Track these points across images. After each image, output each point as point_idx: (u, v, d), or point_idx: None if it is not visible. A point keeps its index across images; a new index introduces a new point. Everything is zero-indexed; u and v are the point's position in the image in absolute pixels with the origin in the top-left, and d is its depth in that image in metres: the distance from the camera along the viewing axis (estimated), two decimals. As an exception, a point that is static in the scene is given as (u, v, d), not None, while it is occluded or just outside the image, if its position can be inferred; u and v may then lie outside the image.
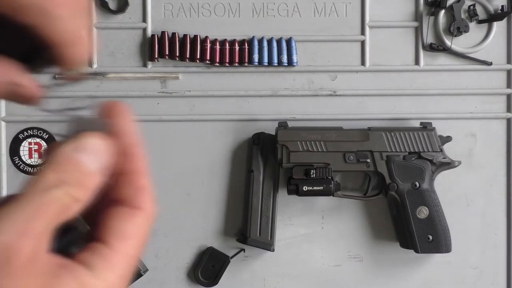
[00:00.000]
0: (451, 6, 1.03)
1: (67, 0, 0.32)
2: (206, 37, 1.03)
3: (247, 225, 1.02)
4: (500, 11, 1.03)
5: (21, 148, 1.04)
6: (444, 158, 1.00)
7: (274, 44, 1.04)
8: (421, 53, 1.05)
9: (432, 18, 1.05)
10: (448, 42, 1.04)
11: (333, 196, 1.00)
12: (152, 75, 1.04)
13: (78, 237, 0.30)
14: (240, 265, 1.04)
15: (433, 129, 1.01)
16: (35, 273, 0.27)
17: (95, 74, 1.03)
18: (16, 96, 0.33)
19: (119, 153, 0.31)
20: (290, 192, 0.99)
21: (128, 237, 0.30)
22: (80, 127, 0.32)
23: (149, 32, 1.04)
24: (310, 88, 1.06)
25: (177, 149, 1.03)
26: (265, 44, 1.04)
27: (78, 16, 0.33)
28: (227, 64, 1.04)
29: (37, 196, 0.28)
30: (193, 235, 1.04)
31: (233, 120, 1.05)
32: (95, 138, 0.31)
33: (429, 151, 1.00)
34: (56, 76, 0.83)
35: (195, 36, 1.03)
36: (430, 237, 0.99)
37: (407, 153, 1.00)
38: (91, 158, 0.30)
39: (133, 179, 0.31)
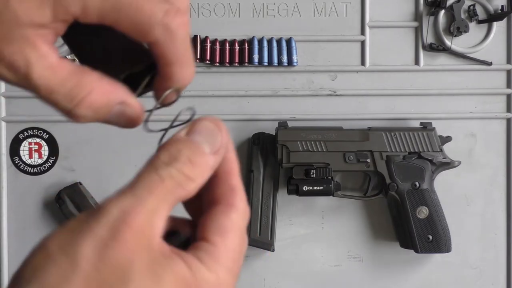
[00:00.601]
0: (451, 6, 1.04)
1: (186, 21, 0.33)
2: (206, 37, 1.03)
3: (247, 225, 1.02)
4: (500, 11, 1.03)
5: (21, 148, 1.04)
6: (444, 158, 1.00)
7: (274, 44, 1.04)
8: (421, 53, 1.05)
9: (432, 18, 1.05)
10: (448, 42, 1.04)
11: (333, 196, 1.00)
12: (152, 75, 1.04)
13: (182, 240, 0.31)
14: (240, 265, 1.04)
15: (433, 129, 1.01)
16: (145, 248, 0.27)
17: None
18: (124, 117, 0.34)
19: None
20: (290, 192, 0.99)
21: (227, 232, 0.30)
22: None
23: (149, 32, 1.04)
24: (310, 88, 1.06)
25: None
26: (265, 44, 1.04)
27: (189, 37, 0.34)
28: (227, 64, 1.04)
29: (150, 174, 0.29)
30: (193, 235, 1.04)
31: (233, 120, 1.05)
32: (207, 121, 0.32)
33: (429, 151, 1.00)
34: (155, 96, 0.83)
35: (195, 36, 1.03)
36: (430, 237, 0.99)
37: (407, 153, 1.00)
38: (203, 139, 0.31)
39: (227, 179, 0.32)
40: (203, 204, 0.33)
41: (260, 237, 1.02)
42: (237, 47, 1.04)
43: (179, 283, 0.28)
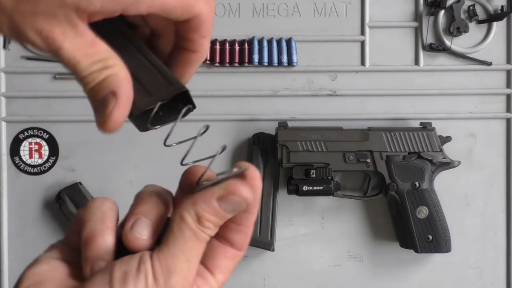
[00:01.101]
0: (450, 6, 1.04)
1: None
2: (206, 37, 1.03)
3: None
4: (499, 11, 1.03)
5: (21, 148, 1.05)
6: (443, 158, 1.00)
7: (274, 44, 1.04)
8: (421, 53, 1.05)
9: (432, 18, 1.05)
10: (447, 42, 1.04)
11: (333, 196, 1.00)
12: (152, 75, 1.04)
13: None
14: (240, 265, 1.04)
15: (433, 129, 1.01)
16: None
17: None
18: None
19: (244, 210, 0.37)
20: (290, 192, 1.00)
21: (227, 272, 0.37)
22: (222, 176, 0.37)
23: (149, 32, 1.04)
24: (310, 88, 1.06)
25: (177, 149, 1.03)
26: (265, 44, 1.04)
27: None
28: (227, 64, 1.04)
29: (191, 241, 0.34)
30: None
31: (233, 120, 1.05)
32: (239, 192, 0.35)
33: (429, 151, 1.00)
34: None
35: (195, 36, 1.03)
36: (430, 237, 1.00)
37: (407, 153, 1.00)
38: (231, 209, 0.35)
39: (245, 230, 0.37)
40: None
41: (260, 237, 1.02)
42: (237, 47, 1.04)
43: None
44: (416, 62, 1.06)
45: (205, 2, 0.37)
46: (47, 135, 1.05)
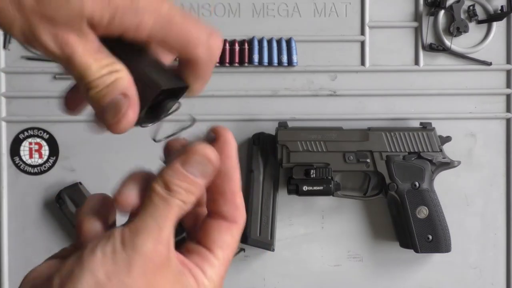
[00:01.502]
0: (450, 6, 1.04)
1: (221, 45, 0.39)
2: (206, 37, 1.03)
3: (247, 225, 1.02)
4: (499, 11, 1.03)
5: (22, 148, 1.05)
6: (443, 158, 1.00)
7: (274, 44, 1.04)
8: (421, 53, 1.06)
9: (431, 18, 1.05)
10: (447, 42, 1.04)
11: (333, 196, 1.00)
12: (152, 75, 1.04)
13: (181, 233, 0.37)
14: (240, 265, 1.04)
15: (433, 129, 1.01)
16: (170, 271, 0.34)
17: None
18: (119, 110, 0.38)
19: (221, 174, 0.37)
20: (290, 192, 1.00)
21: (227, 247, 0.37)
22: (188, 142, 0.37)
23: (149, 32, 1.04)
24: (310, 88, 1.06)
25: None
26: (265, 44, 1.04)
27: None
28: (227, 64, 1.04)
29: (161, 206, 0.34)
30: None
31: (233, 120, 1.05)
32: (201, 151, 0.36)
33: (428, 151, 1.00)
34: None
35: (195, 36, 1.03)
36: (430, 237, 1.00)
37: (407, 153, 1.00)
38: (196, 171, 0.36)
39: (233, 199, 0.38)
40: (204, 208, 0.39)
41: (260, 237, 1.02)
42: (237, 47, 1.04)
43: None
44: (416, 62, 1.06)
45: (207, 49, 0.37)
46: (47, 135, 1.05)
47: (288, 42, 1.04)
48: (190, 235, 0.38)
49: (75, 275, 0.32)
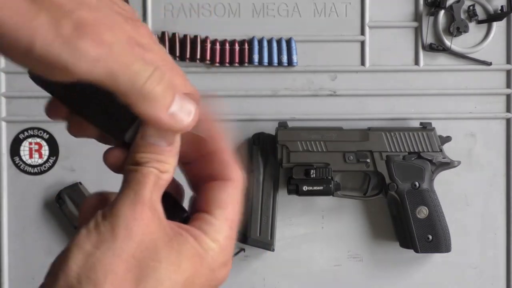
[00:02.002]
0: (450, 6, 1.04)
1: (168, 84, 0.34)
2: (206, 37, 1.04)
3: (247, 225, 1.02)
4: (499, 11, 1.03)
5: (22, 148, 1.05)
6: (443, 158, 1.00)
7: (274, 44, 1.04)
8: (421, 53, 1.06)
9: (431, 18, 1.05)
10: (447, 42, 1.04)
11: (333, 196, 1.00)
12: (152, 75, 1.04)
13: (184, 217, 0.37)
14: (240, 265, 1.04)
15: (433, 129, 1.01)
16: (161, 230, 0.33)
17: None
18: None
19: (199, 138, 0.37)
20: (290, 192, 1.00)
21: (226, 205, 0.36)
22: None
23: (149, 32, 1.04)
24: (310, 88, 1.06)
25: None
26: (265, 44, 1.04)
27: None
28: (227, 64, 1.04)
29: (135, 175, 0.34)
30: (193, 235, 1.04)
31: (233, 120, 1.05)
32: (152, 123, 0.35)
33: (428, 151, 1.00)
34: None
35: (195, 36, 1.03)
36: (430, 237, 1.00)
37: (407, 153, 1.00)
38: (157, 140, 0.35)
39: (219, 157, 0.37)
40: (200, 179, 0.38)
41: (260, 237, 1.02)
42: (237, 47, 1.04)
43: (193, 255, 0.34)
44: (416, 62, 1.06)
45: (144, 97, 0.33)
46: (47, 135, 1.05)
47: (288, 42, 1.04)
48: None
49: (65, 255, 0.32)
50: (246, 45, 1.04)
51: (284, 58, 1.04)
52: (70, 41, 0.30)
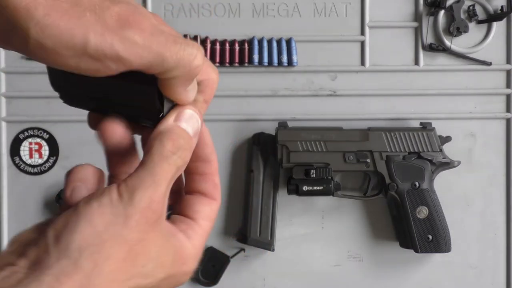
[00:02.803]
0: (450, 7, 1.04)
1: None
2: (206, 37, 1.04)
3: (247, 225, 1.02)
4: (499, 11, 1.03)
5: (22, 148, 1.05)
6: (443, 158, 1.00)
7: (274, 44, 1.04)
8: (421, 53, 1.06)
9: (431, 18, 1.05)
10: (447, 42, 1.04)
11: (333, 196, 1.00)
12: (152, 75, 1.04)
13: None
14: (240, 265, 1.04)
15: (433, 129, 1.01)
16: (161, 230, 0.35)
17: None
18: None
19: (201, 158, 0.40)
20: (290, 192, 1.00)
21: (208, 219, 0.39)
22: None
23: (149, 32, 1.04)
24: (310, 88, 1.06)
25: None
26: (265, 44, 1.04)
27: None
28: (227, 64, 1.04)
29: (160, 163, 0.35)
30: (193, 235, 1.04)
31: (233, 120, 1.05)
32: (188, 108, 0.38)
33: (428, 151, 1.00)
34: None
35: (195, 37, 1.03)
36: (430, 237, 1.00)
37: (406, 153, 1.00)
38: (189, 125, 0.37)
39: (211, 179, 0.40)
40: (184, 186, 0.41)
41: (260, 237, 1.02)
42: (237, 47, 1.04)
43: (180, 258, 0.36)
44: (416, 62, 1.06)
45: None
46: (47, 135, 1.05)
47: (288, 42, 1.04)
48: (174, 211, 0.40)
49: (72, 225, 0.32)
50: (246, 45, 1.04)
51: (284, 58, 1.04)
52: (118, 32, 0.32)
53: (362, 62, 1.06)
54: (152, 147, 0.35)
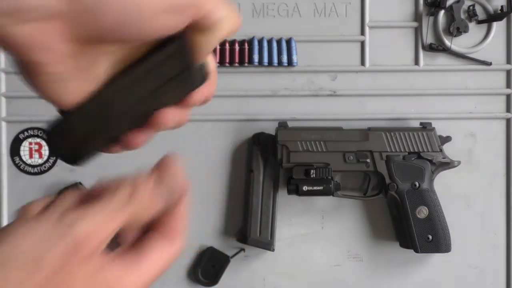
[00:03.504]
0: (450, 7, 1.04)
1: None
2: (206, 37, 1.03)
3: (247, 225, 1.02)
4: (499, 11, 1.03)
5: (22, 148, 1.05)
6: (443, 158, 1.00)
7: (274, 44, 1.04)
8: (421, 53, 1.06)
9: (431, 18, 1.05)
10: (447, 42, 1.04)
11: (333, 196, 1.00)
12: (152, 75, 1.04)
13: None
14: (240, 265, 1.04)
15: (433, 129, 1.01)
16: (92, 264, 0.33)
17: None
18: None
19: (171, 198, 0.39)
20: (290, 192, 1.00)
21: (158, 260, 0.37)
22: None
23: (149, 32, 1.04)
24: (310, 88, 1.06)
25: (177, 149, 1.03)
26: (265, 44, 1.04)
27: None
28: (227, 64, 1.04)
29: (117, 204, 0.35)
30: (193, 235, 1.04)
31: (233, 120, 1.05)
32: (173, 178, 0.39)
33: (428, 151, 1.00)
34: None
35: (195, 36, 1.03)
36: (430, 237, 1.00)
37: (406, 153, 1.00)
38: (164, 192, 0.39)
39: (177, 220, 0.40)
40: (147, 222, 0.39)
41: (260, 237, 1.02)
42: (237, 47, 1.04)
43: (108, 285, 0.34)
44: (416, 62, 1.06)
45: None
46: (47, 135, 1.05)
47: (288, 42, 1.04)
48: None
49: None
50: (246, 45, 1.04)
51: (284, 58, 1.04)
52: None
53: (362, 62, 1.06)
54: (121, 186, 0.37)
